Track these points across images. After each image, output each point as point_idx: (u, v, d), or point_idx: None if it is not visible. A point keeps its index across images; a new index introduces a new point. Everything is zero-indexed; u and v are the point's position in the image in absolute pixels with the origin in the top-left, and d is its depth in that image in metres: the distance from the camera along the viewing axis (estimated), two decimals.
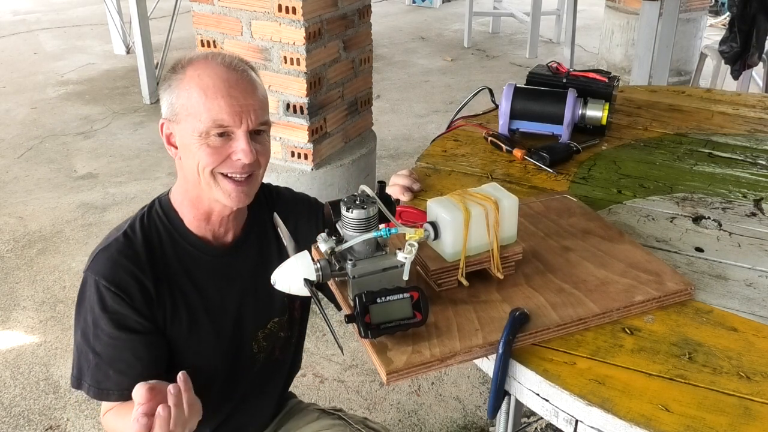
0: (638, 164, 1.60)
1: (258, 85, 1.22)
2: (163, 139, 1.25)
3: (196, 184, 1.21)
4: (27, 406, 2.36)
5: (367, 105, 2.98)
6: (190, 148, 1.18)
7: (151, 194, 3.69)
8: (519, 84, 1.72)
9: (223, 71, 1.18)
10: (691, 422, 0.89)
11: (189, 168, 1.20)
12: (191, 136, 1.17)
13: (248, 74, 1.21)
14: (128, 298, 1.19)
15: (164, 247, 1.26)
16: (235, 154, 1.17)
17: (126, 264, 1.20)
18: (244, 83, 1.18)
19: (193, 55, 1.23)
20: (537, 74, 1.81)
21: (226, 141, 1.17)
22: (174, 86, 1.20)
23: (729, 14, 3.93)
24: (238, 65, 1.21)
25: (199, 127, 1.16)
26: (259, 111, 1.19)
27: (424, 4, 8.13)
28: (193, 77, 1.17)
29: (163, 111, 1.23)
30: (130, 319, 1.20)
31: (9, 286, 2.99)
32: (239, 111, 1.16)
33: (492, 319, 1.04)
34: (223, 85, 1.16)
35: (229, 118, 1.15)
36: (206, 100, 1.15)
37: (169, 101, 1.21)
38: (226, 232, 1.30)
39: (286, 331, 1.41)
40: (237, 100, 1.16)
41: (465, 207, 1.07)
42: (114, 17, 5.85)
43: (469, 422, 2.32)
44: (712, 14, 6.96)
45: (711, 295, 1.15)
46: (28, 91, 5.24)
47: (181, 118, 1.19)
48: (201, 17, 2.60)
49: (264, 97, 1.23)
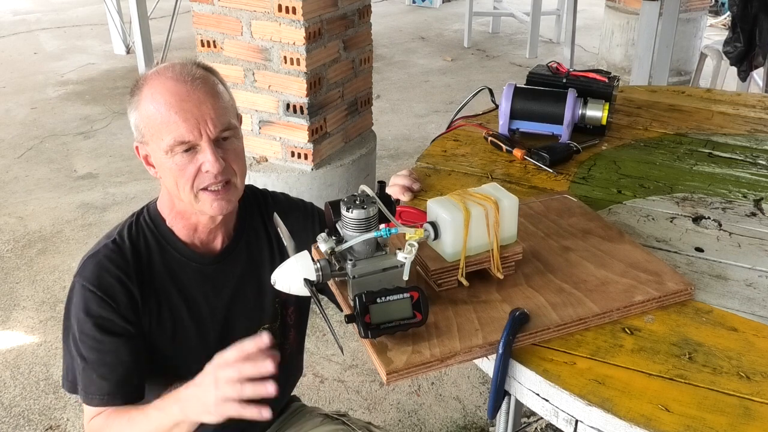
0: (638, 164, 1.60)
1: (215, 90, 1.19)
2: (142, 162, 1.25)
3: (179, 199, 1.22)
4: (27, 406, 2.36)
5: (367, 105, 2.98)
6: (163, 166, 1.19)
7: (151, 194, 3.69)
8: (519, 84, 1.72)
9: (172, 85, 1.16)
10: (691, 422, 0.89)
11: (169, 185, 1.21)
12: (161, 156, 1.18)
13: (201, 81, 1.18)
14: (113, 303, 1.19)
15: (152, 254, 1.26)
16: (203, 166, 1.16)
17: (112, 269, 1.21)
18: (196, 93, 1.15)
19: (148, 72, 1.21)
20: (537, 74, 1.81)
21: (193, 155, 1.16)
22: (134, 108, 1.20)
23: (729, 14, 3.93)
24: (189, 74, 1.17)
25: (163, 146, 1.16)
26: (217, 118, 1.16)
27: (424, 4, 8.13)
28: (147, 96, 1.17)
29: (134, 134, 1.23)
30: (115, 323, 1.20)
31: (9, 286, 2.99)
32: (195, 123, 1.14)
33: (492, 319, 1.04)
34: (174, 100, 1.14)
35: (188, 133, 1.14)
36: (161, 118, 1.15)
37: (134, 123, 1.21)
38: (214, 240, 1.31)
39: (279, 337, 1.41)
40: (191, 113, 1.14)
41: (465, 207, 1.07)
42: (114, 17, 5.85)
43: (469, 422, 2.32)
44: (712, 14, 6.96)
45: (711, 295, 1.15)
46: (28, 91, 5.24)
47: (148, 139, 1.19)
48: (201, 17, 2.60)
49: (224, 101, 1.20)
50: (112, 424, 1.20)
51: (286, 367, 1.49)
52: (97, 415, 1.22)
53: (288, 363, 1.48)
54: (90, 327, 1.19)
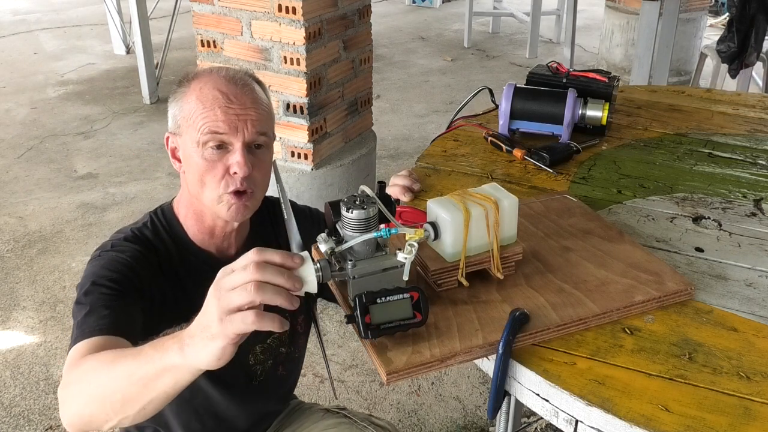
0: (638, 164, 1.60)
1: (260, 100, 1.22)
2: (168, 154, 1.26)
3: (199, 198, 1.21)
4: (27, 406, 2.36)
5: (367, 105, 2.98)
6: (192, 160, 1.19)
7: (150, 194, 3.71)
8: (519, 84, 1.72)
9: (224, 84, 1.19)
10: (691, 422, 0.89)
11: (192, 181, 1.21)
12: (192, 148, 1.18)
13: (250, 87, 1.21)
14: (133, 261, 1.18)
15: (170, 252, 1.26)
16: (231, 168, 1.17)
17: (135, 246, 1.21)
18: (243, 96, 1.19)
19: (200, 69, 1.25)
20: (537, 74, 1.81)
21: (223, 154, 1.17)
22: (178, 99, 1.22)
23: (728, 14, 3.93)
24: (241, 79, 1.21)
25: (198, 138, 1.17)
26: (257, 122, 1.19)
27: (424, 4, 8.13)
28: (195, 90, 1.19)
29: (169, 124, 1.24)
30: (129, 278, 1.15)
31: (9, 286, 2.99)
32: (235, 121, 1.16)
33: (492, 319, 1.04)
34: (222, 97, 1.17)
35: (225, 127, 1.16)
36: (204, 110, 1.16)
37: (172, 114, 1.22)
38: (229, 247, 1.30)
39: (288, 346, 1.41)
40: (234, 111, 1.17)
41: (465, 207, 1.07)
42: (114, 17, 5.85)
43: (469, 422, 2.32)
44: (711, 14, 6.96)
45: (711, 295, 1.15)
46: (28, 91, 5.24)
47: (183, 130, 1.20)
48: (201, 17, 2.60)
49: (266, 112, 1.23)
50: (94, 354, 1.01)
51: (292, 373, 1.49)
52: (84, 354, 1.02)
53: (294, 366, 1.49)
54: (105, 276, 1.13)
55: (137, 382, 0.91)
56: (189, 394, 1.29)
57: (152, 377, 0.90)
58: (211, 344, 0.85)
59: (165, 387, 0.91)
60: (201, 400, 1.33)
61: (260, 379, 1.37)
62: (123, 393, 0.93)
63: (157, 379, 0.90)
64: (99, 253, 1.20)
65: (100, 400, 0.95)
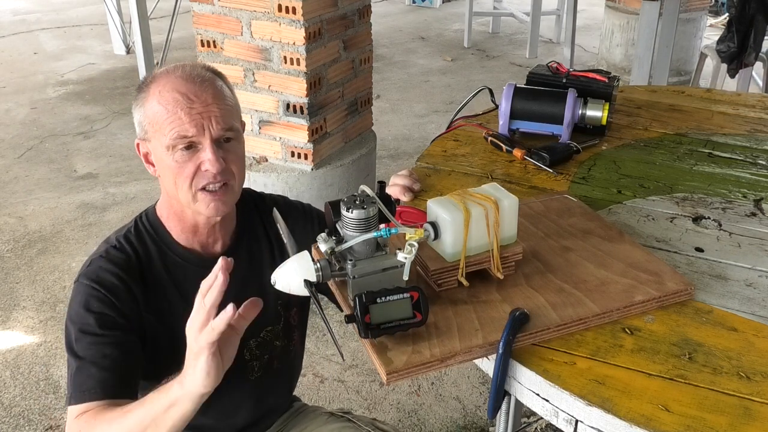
0: (638, 164, 1.60)
1: (222, 93, 1.21)
2: (142, 159, 1.26)
3: (177, 199, 1.22)
4: (27, 406, 2.36)
5: (367, 105, 2.98)
6: (163, 163, 1.20)
7: (150, 194, 3.71)
8: (519, 84, 1.72)
9: (182, 83, 1.18)
10: (691, 422, 0.89)
11: (168, 184, 1.21)
12: (162, 152, 1.19)
13: (210, 83, 1.20)
14: (114, 298, 1.19)
15: (152, 258, 1.27)
16: (203, 165, 1.18)
17: (114, 269, 1.22)
18: (204, 93, 1.18)
19: (157, 71, 1.24)
20: (537, 74, 1.81)
21: (193, 153, 1.18)
22: (140, 104, 1.21)
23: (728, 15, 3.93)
24: (198, 75, 1.20)
25: (165, 141, 1.17)
26: (221, 118, 1.18)
27: (424, 4, 8.13)
28: (155, 93, 1.18)
29: (137, 131, 1.24)
30: (116, 320, 1.19)
31: (9, 286, 2.99)
32: (200, 120, 1.16)
33: (492, 319, 1.04)
34: (182, 97, 1.17)
35: (191, 128, 1.16)
36: (167, 114, 1.16)
37: (138, 120, 1.22)
38: (215, 242, 1.31)
39: (282, 339, 1.41)
40: (196, 110, 1.16)
41: (465, 207, 1.07)
42: (114, 17, 5.85)
43: (469, 422, 2.32)
44: (712, 14, 6.95)
45: (711, 295, 1.15)
46: (28, 91, 5.24)
47: (150, 136, 1.20)
48: (201, 17, 2.60)
49: (230, 104, 1.22)
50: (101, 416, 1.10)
51: (289, 367, 1.49)
52: (82, 413, 1.13)
53: (292, 361, 1.49)
54: (91, 322, 1.18)
55: (149, 424, 1.05)
56: None
57: (161, 414, 1.04)
58: (196, 364, 1.00)
59: (173, 420, 1.05)
60: None
61: (257, 374, 1.37)
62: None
63: (165, 415, 1.04)
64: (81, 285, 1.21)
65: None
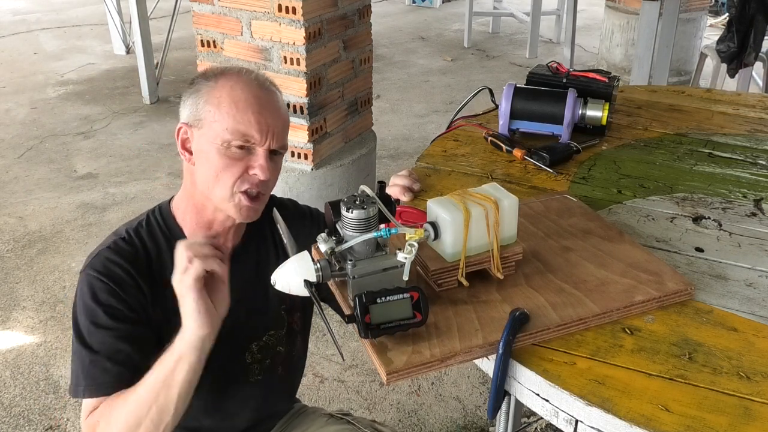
0: (638, 164, 1.60)
1: (283, 109, 1.26)
2: (177, 143, 1.26)
3: (204, 191, 1.22)
4: (27, 406, 2.36)
5: (367, 105, 2.98)
6: (208, 155, 1.20)
7: (150, 194, 3.71)
8: (519, 84, 1.72)
9: (256, 88, 1.21)
10: (691, 422, 0.89)
11: (202, 174, 1.21)
12: (211, 143, 1.19)
13: (277, 96, 1.25)
14: (121, 291, 1.19)
15: (162, 254, 1.26)
16: (252, 169, 1.20)
17: (121, 262, 1.21)
18: (273, 104, 1.22)
19: (226, 67, 1.27)
20: (537, 74, 1.81)
21: (245, 155, 1.20)
22: (203, 92, 1.21)
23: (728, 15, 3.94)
24: (270, 86, 1.25)
25: (224, 136, 1.18)
26: (281, 133, 1.23)
27: (424, 4, 8.13)
28: (226, 87, 1.20)
29: (184, 115, 1.24)
30: (124, 312, 1.19)
31: (9, 286, 2.99)
32: (266, 129, 1.19)
33: (492, 319, 1.04)
34: (256, 102, 1.19)
35: (257, 134, 1.19)
36: (237, 111, 1.18)
37: (195, 105, 1.22)
38: (225, 242, 1.31)
39: (285, 344, 1.40)
40: (265, 119, 1.19)
41: (465, 207, 1.07)
42: (114, 17, 5.85)
43: (469, 422, 2.32)
44: (712, 14, 6.96)
45: (711, 295, 1.15)
46: (28, 91, 5.24)
47: (205, 124, 1.20)
48: (201, 17, 2.60)
49: (287, 121, 1.27)
50: (114, 404, 1.14)
51: (292, 371, 1.49)
52: (95, 408, 1.17)
53: (295, 367, 1.49)
54: (101, 315, 1.17)
55: (161, 387, 1.09)
56: None
57: (169, 374, 1.09)
58: (186, 307, 1.07)
59: (183, 374, 1.09)
60: (198, 400, 1.33)
61: (258, 377, 1.37)
62: (155, 404, 1.09)
63: (173, 374, 1.09)
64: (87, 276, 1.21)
65: (137, 424, 1.10)
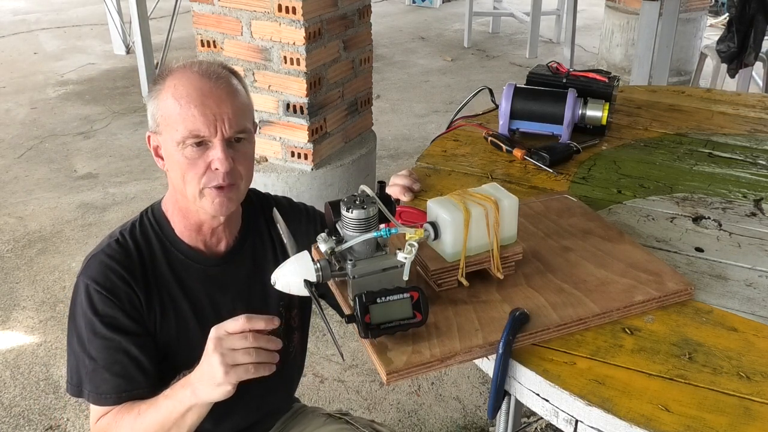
0: (638, 164, 1.60)
1: (237, 92, 1.21)
2: (151, 152, 1.26)
3: (183, 194, 1.22)
4: (27, 406, 2.36)
5: (367, 105, 2.98)
6: (173, 158, 1.19)
7: (150, 194, 3.71)
8: (519, 84, 1.72)
9: (197, 80, 1.18)
10: (691, 422, 0.89)
11: (175, 179, 1.21)
12: (172, 147, 1.18)
13: (225, 81, 1.20)
14: (117, 301, 1.20)
15: (155, 255, 1.26)
16: (213, 164, 1.18)
17: (116, 268, 1.21)
18: (218, 91, 1.18)
19: (174, 65, 1.23)
20: (537, 74, 1.81)
21: (204, 150, 1.18)
22: (154, 97, 1.21)
23: (728, 15, 3.94)
24: (214, 73, 1.20)
25: (176, 137, 1.17)
26: (234, 118, 1.18)
27: (424, 4, 8.13)
28: (170, 87, 1.18)
29: (149, 123, 1.24)
30: (122, 321, 1.20)
31: (9, 286, 2.99)
32: (213, 120, 1.16)
33: (492, 319, 1.04)
34: (197, 94, 1.16)
35: (204, 128, 1.16)
36: (180, 109, 1.16)
37: (151, 112, 1.22)
38: (218, 242, 1.31)
39: (283, 341, 1.41)
40: (210, 109, 1.16)
41: (465, 207, 1.07)
42: (114, 17, 5.85)
43: (469, 422, 2.32)
44: (712, 14, 6.95)
45: (711, 295, 1.15)
46: (28, 91, 5.24)
47: (162, 129, 1.20)
48: (201, 17, 2.60)
49: (244, 104, 1.22)
50: (121, 420, 1.19)
51: (289, 369, 1.49)
52: (105, 414, 1.22)
53: (292, 364, 1.49)
54: (99, 326, 1.19)
55: (171, 426, 1.14)
56: None
57: (179, 418, 1.13)
58: (218, 389, 1.07)
59: (191, 420, 1.14)
60: None
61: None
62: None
63: (183, 418, 1.13)
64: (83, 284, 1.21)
65: None
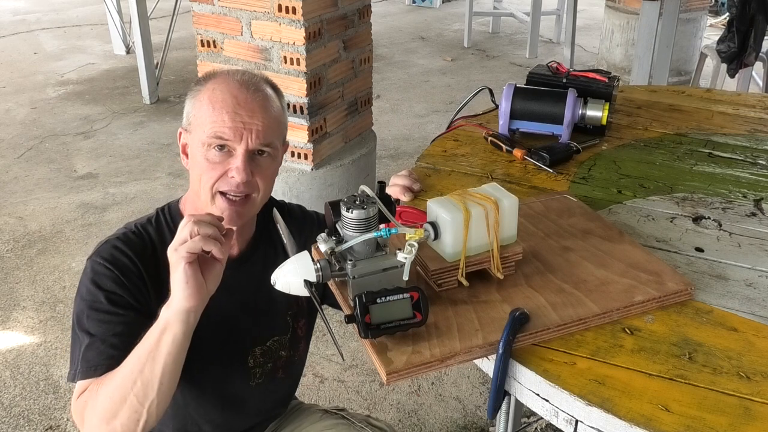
0: (638, 164, 1.60)
1: (271, 107, 1.22)
2: (179, 148, 1.28)
3: (198, 195, 1.23)
4: (27, 406, 2.36)
5: (367, 105, 2.98)
6: (196, 157, 1.21)
7: (150, 194, 3.71)
8: (519, 84, 1.72)
9: (236, 88, 1.20)
10: (691, 422, 0.89)
11: (193, 178, 1.23)
12: (197, 147, 1.20)
13: (263, 94, 1.22)
14: (125, 279, 1.19)
15: (167, 249, 1.26)
16: (230, 171, 1.18)
17: (128, 251, 1.22)
18: (253, 103, 1.19)
19: (219, 70, 1.26)
20: (537, 74, 1.81)
21: (226, 157, 1.19)
22: (192, 96, 1.23)
23: (728, 14, 3.94)
24: (254, 84, 1.22)
25: (203, 137, 1.18)
26: (263, 132, 1.19)
27: (424, 4, 8.13)
28: (209, 90, 1.21)
29: (183, 119, 1.26)
30: (125, 299, 1.19)
31: (9, 286, 2.99)
32: (241, 128, 1.17)
33: (492, 319, 1.04)
34: (232, 101, 1.18)
35: (230, 133, 1.17)
36: (212, 112, 1.18)
37: (186, 110, 1.24)
38: (231, 246, 1.30)
39: (288, 350, 1.40)
40: (240, 117, 1.18)
41: (465, 207, 1.07)
42: (114, 17, 5.85)
43: (469, 422, 2.32)
44: (712, 14, 6.96)
45: (711, 295, 1.15)
46: (28, 91, 5.24)
47: (192, 128, 1.22)
48: (201, 17, 2.60)
49: (276, 120, 1.23)
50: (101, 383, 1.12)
51: (291, 376, 1.49)
52: (85, 389, 1.15)
53: (294, 372, 1.49)
54: (101, 300, 1.17)
55: (146, 359, 1.07)
56: (183, 400, 1.29)
57: (154, 345, 1.06)
58: (175, 276, 1.04)
59: (168, 347, 1.06)
60: (196, 406, 1.33)
61: (258, 381, 1.37)
62: (140, 378, 1.07)
63: (158, 345, 1.06)
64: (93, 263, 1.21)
65: (122, 399, 1.07)
